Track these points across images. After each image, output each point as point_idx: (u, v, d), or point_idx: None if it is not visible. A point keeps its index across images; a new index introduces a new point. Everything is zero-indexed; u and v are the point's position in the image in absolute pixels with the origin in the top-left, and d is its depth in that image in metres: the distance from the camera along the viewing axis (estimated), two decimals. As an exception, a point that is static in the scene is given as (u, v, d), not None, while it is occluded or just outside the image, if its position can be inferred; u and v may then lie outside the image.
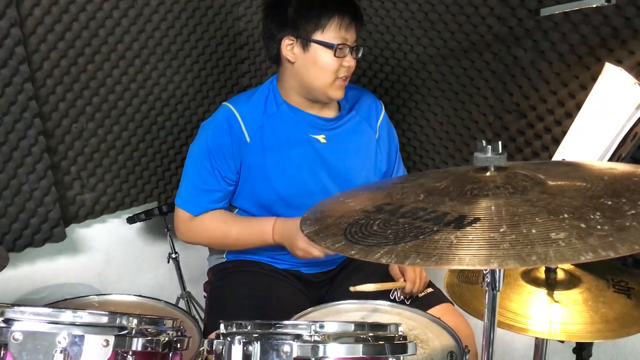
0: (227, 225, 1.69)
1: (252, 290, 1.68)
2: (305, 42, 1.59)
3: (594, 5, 1.41)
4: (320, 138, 1.70)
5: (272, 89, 1.71)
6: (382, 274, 1.69)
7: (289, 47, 1.61)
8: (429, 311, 1.54)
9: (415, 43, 2.02)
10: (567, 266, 1.22)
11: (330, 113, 1.73)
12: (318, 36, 1.58)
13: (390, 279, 1.66)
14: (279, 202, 1.69)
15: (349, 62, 1.61)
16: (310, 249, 1.56)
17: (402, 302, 1.58)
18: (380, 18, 2.09)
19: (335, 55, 1.57)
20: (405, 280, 1.63)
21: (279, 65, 1.69)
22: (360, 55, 1.65)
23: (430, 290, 1.68)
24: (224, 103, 1.71)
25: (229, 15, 2.11)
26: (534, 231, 0.78)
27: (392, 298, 1.61)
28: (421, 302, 1.62)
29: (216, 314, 1.66)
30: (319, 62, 1.59)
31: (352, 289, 1.47)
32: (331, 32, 1.57)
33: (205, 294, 1.83)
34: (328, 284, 1.79)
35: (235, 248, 1.76)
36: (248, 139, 1.65)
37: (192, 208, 1.68)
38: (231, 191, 1.70)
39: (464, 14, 1.83)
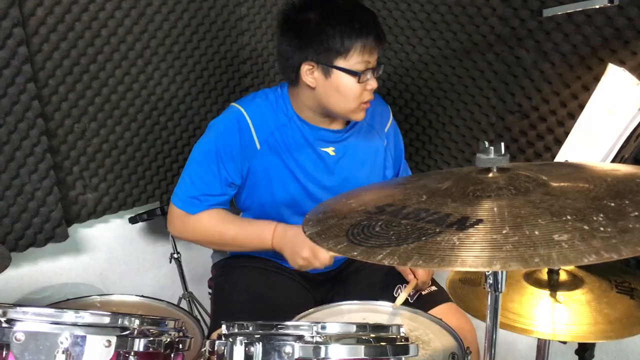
0: (224, 225, 1.64)
1: (258, 287, 1.67)
2: (326, 67, 1.51)
3: (597, 6, 1.40)
4: (330, 151, 1.67)
5: (283, 99, 1.65)
6: (385, 270, 1.69)
7: (308, 71, 1.53)
8: (433, 310, 1.54)
9: (417, 43, 2.02)
10: (570, 267, 1.22)
11: (339, 125, 1.68)
12: (341, 63, 1.50)
13: (394, 276, 1.66)
14: (287, 212, 1.67)
15: (372, 84, 1.54)
16: (313, 261, 1.51)
17: (406, 300, 1.57)
18: (382, 18, 2.09)
19: (358, 82, 1.51)
20: (415, 277, 1.62)
21: (295, 85, 1.61)
22: (381, 72, 1.58)
23: (434, 288, 1.67)
24: (233, 104, 1.65)
25: (231, 15, 2.11)
26: (536, 233, 0.77)
27: (396, 295, 1.60)
28: (425, 301, 1.61)
29: (222, 311, 1.66)
30: (341, 89, 1.52)
31: (394, 306, 1.46)
32: (355, 58, 1.49)
33: (210, 290, 1.82)
34: (332, 282, 1.79)
35: (230, 249, 1.75)
36: (258, 146, 1.61)
37: (190, 209, 1.63)
38: (232, 195, 1.68)
39: (466, 14, 1.82)
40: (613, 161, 1.30)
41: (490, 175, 0.96)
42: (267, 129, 1.62)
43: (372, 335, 1.03)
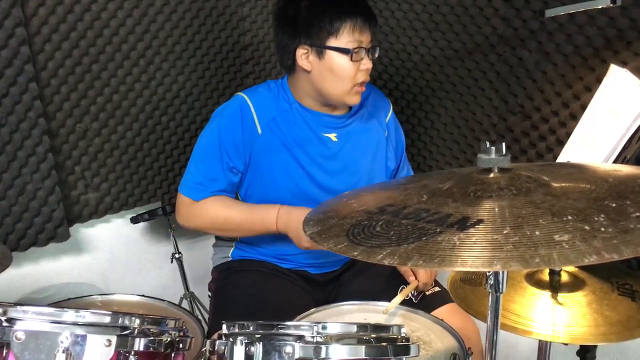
0: (229, 210, 1.66)
1: (257, 290, 1.68)
2: (319, 49, 1.57)
3: (599, 7, 1.40)
4: (332, 136, 1.70)
5: (284, 88, 1.70)
6: (387, 272, 1.69)
7: (303, 56, 1.59)
8: (436, 311, 1.54)
9: (419, 44, 2.02)
10: (571, 268, 1.21)
11: (340, 111, 1.72)
12: (332, 42, 1.56)
13: (397, 278, 1.65)
14: (290, 199, 1.67)
15: (366, 64, 1.59)
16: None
17: (409, 300, 1.57)
18: (385, 19, 2.08)
19: (351, 60, 1.56)
20: (416, 278, 1.62)
21: (292, 73, 1.68)
22: (376, 55, 1.63)
23: (437, 289, 1.67)
24: (238, 93, 1.70)
25: (233, 15, 2.11)
26: (537, 233, 0.77)
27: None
28: (428, 301, 1.61)
29: (221, 314, 1.66)
30: (335, 69, 1.57)
31: (385, 311, 1.44)
32: (345, 37, 1.55)
33: (210, 293, 1.83)
34: (334, 283, 1.79)
35: (236, 234, 1.74)
36: (260, 131, 1.64)
37: (195, 195, 1.66)
38: (236, 182, 1.69)
39: (468, 15, 1.82)
40: (615, 162, 1.30)
41: (492, 175, 0.95)
42: (270, 114, 1.66)
43: (373, 335, 1.03)
